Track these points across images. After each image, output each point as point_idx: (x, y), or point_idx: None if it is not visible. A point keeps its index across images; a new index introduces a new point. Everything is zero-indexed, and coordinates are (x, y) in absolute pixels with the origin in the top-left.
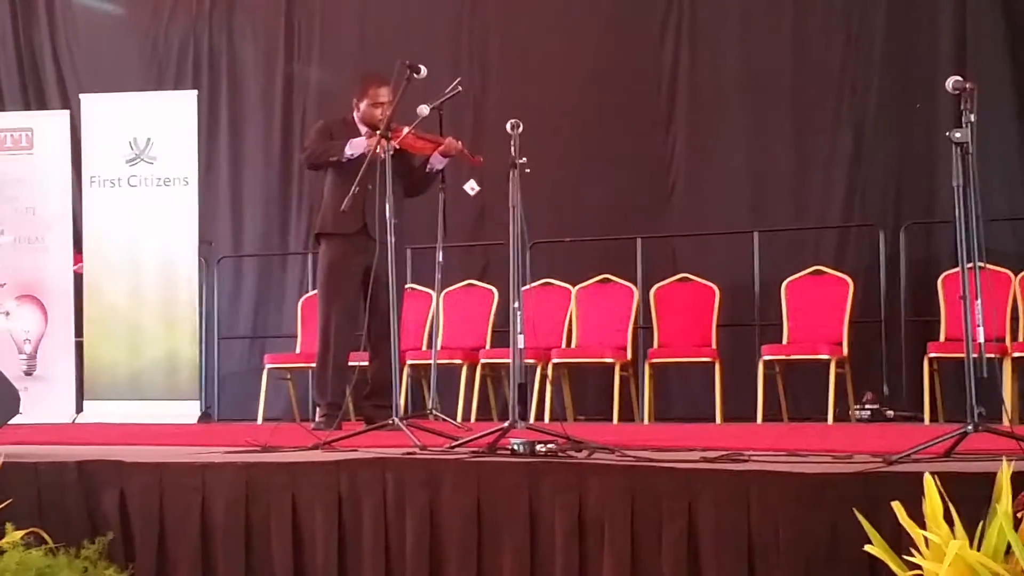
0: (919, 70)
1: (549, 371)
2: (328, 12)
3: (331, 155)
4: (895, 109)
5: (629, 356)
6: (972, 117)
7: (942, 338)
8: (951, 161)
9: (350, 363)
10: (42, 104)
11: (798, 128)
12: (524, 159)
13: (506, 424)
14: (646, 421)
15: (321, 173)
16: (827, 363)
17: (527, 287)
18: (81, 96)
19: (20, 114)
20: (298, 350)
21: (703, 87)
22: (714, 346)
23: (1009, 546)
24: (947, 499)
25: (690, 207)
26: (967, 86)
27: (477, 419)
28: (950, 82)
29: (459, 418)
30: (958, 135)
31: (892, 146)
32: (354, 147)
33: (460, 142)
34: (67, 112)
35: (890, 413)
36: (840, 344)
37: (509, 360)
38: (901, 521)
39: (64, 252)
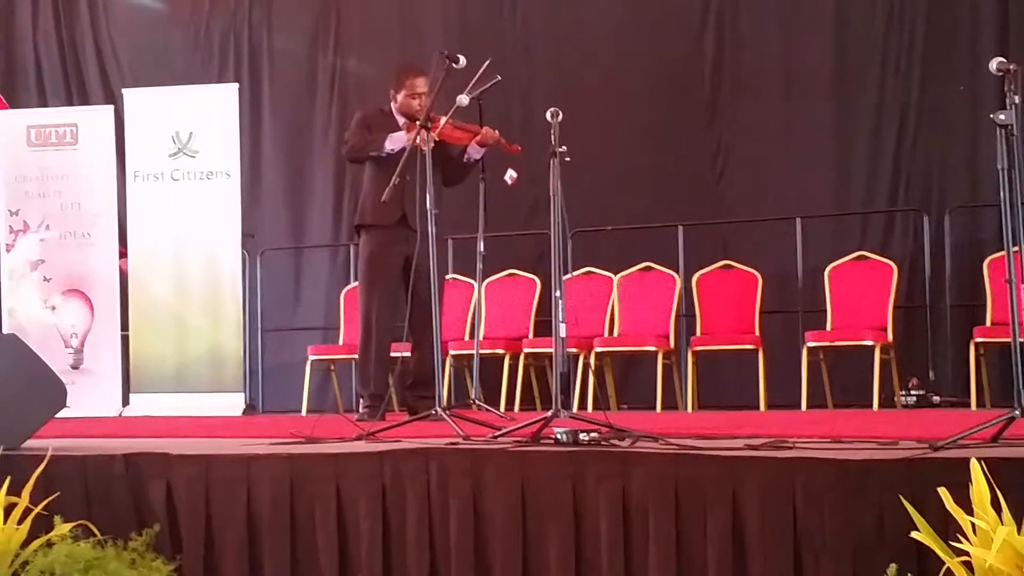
0: (962, 52)
1: (592, 360)
2: (367, 2)
3: (371, 149)
4: (938, 92)
5: (672, 344)
6: (1016, 99)
7: (988, 322)
8: (995, 144)
9: (392, 354)
10: (85, 99)
11: (841, 114)
12: (564, 148)
13: (549, 413)
14: (689, 409)
15: (361, 165)
16: (872, 349)
17: (569, 276)
18: (124, 91)
19: (64, 110)
20: (341, 342)
21: (746, 74)
22: (757, 333)
23: None
24: (994, 485)
25: (733, 194)
26: (1011, 67)
27: (520, 409)
28: (994, 63)
29: (502, 408)
30: (1002, 117)
31: (936, 130)
32: (394, 142)
33: (496, 131)
34: (111, 107)
35: (936, 399)
36: (885, 330)
37: (552, 349)
38: (948, 507)
39: (110, 247)
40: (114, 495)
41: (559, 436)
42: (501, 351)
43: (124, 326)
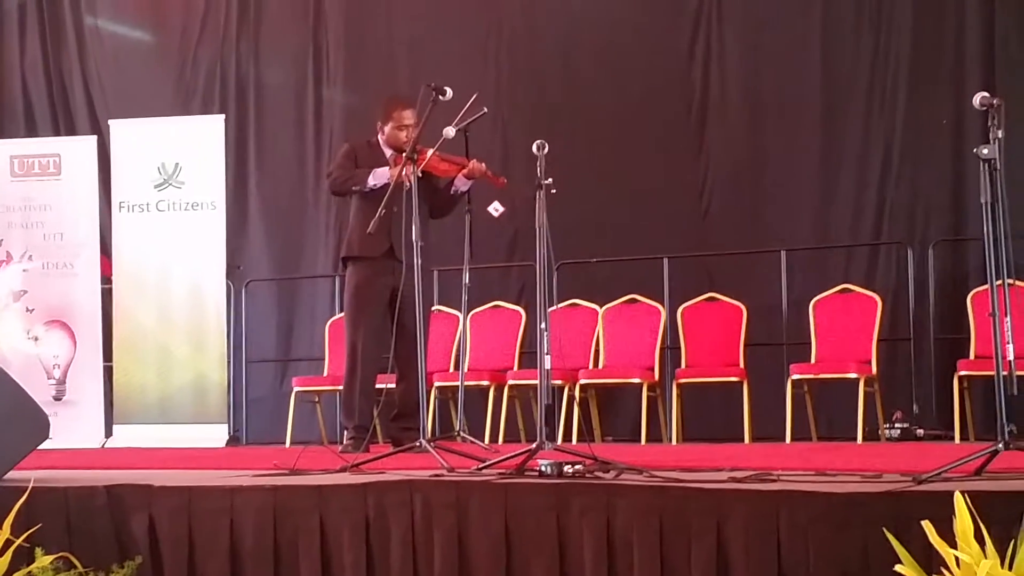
0: (946, 87)
1: (576, 392)
2: (355, 35)
3: (354, 184)
4: (922, 126)
5: (657, 376)
6: (1000, 133)
7: (972, 356)
8: (979, 178)
9: (377, 385)
10: (72, 130)
11: (826, 147)
12: (550, 180)
13: (534, 445)
14: (674, 441)
15: (345, 197)
16: (856, 382)
17: (554, 308)
18: (110, 122)
19: (48, 140)
20: (325, 373)
21: (732, 107)
22: (742, 365)
23: None
24: (978, 518)
25: (718, 227)
26: (994, 102)
27: (505, 441)
28: (977, 98)
29: (487, 440)
30: (985, 151)
31: (920, 164)
32: (377, 177)
33: (484, 164)
34: (94, 137)
35: (920, 432)
36: (869, 363)
37: (536, 381)
38: (931, 540)
39: (93, 277)
40: (96, 527)
41: (543, 468)
42: (486, 383)
43: (107, 357)
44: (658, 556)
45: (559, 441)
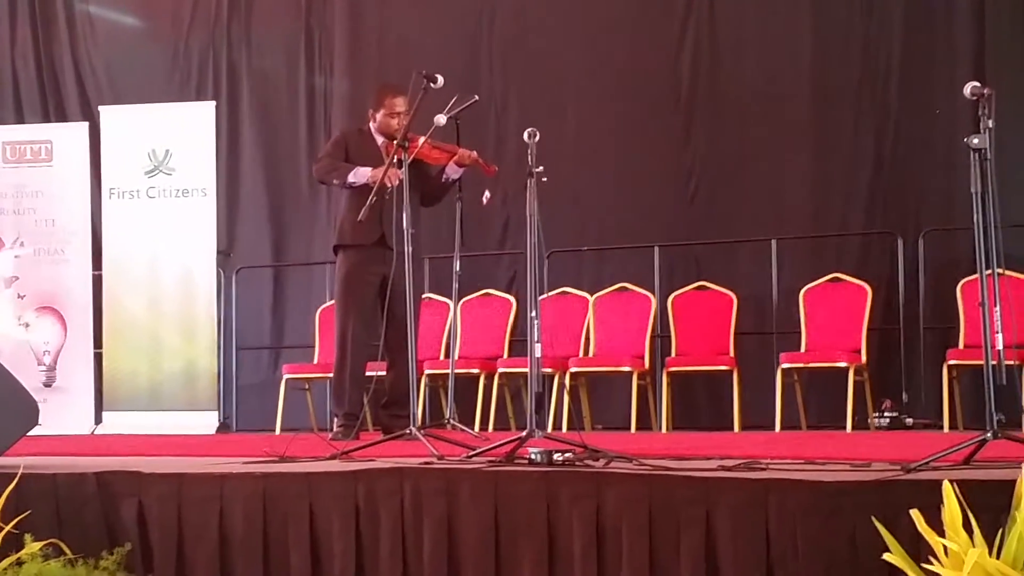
0: (938, 76)
1: (567, 380)
2: (347, 22)
3: (335, 178)
4: (913, 116)
5: (647, 365)
6: (990, 123)
7: (961, 345)
8: (969, 167)
9: (367, 373)
10: (62, 116)
11: (817, 136)
12: (541, 168)
13: (524, 433)
14: (664, 430)
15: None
16: (846, 371)
17: (544, 296)
18: (100, 108)
19: (39, 127)
20: (316, 360)
21: (722, 95)
22: (732, 354)
23: None
24: (966, 507)
25: (709, 215)
26: (985, 92)
27: (495, 429)
28: (968, 88)
29: (476, 427)
30: (976, 141)
31: (911, 153)
32: (358, 176)
33: (475, 152)
34: (86, 124)
35: (909, 421)
36: (859, 352)
37: (527, 369)
38: (920, 529)
39: (84, 264)
40: (85, 513)
41: (533, 456)
42: (476, 371)
43: (97, 343)
44: (647, 544)
45: (549, 429)
